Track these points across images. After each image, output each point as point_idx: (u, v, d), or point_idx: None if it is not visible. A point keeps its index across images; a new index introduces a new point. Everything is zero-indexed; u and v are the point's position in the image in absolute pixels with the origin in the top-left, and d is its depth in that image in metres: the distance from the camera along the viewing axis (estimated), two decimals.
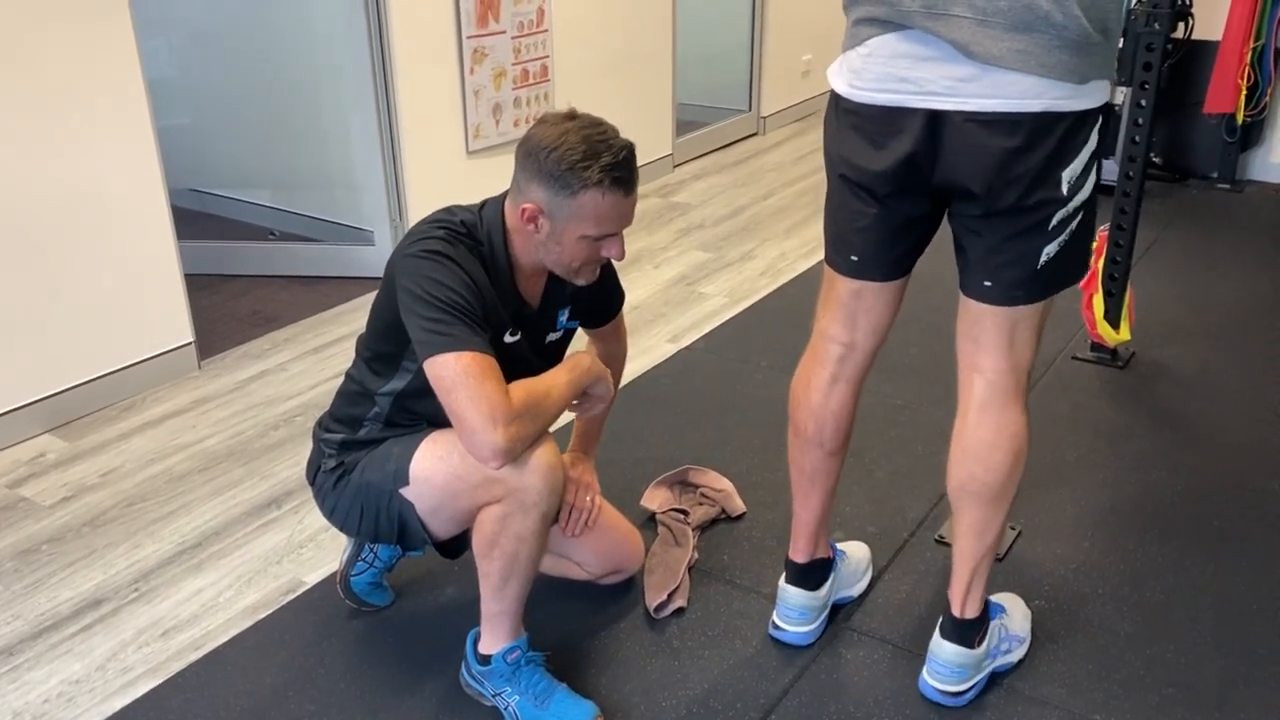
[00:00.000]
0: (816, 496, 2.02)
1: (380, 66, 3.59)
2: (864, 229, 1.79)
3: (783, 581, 2.08)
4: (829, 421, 1.94)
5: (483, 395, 1.63)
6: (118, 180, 2.93)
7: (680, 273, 3.92)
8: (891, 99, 1.62)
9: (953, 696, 1.92)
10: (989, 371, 1.78)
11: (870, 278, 1.84)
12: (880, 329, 1.90)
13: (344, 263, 3.89)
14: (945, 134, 1.61)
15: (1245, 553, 2.34)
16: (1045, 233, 1.66)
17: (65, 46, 2.74)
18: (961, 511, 1.87)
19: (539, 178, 1.71)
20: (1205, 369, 3.16)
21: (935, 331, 3.27)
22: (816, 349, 1.94)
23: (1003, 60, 1.53)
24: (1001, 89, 1.55)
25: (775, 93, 5.76)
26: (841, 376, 1.92)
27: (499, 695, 1.87)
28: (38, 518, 2.52)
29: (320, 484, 1.94)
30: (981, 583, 1.90)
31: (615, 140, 1.72)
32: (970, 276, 1.75)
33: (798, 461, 2.01)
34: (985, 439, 1.80)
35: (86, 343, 2.94)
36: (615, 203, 1.73)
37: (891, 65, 1.61)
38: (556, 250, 1.78)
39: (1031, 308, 1.73)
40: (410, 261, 1.73)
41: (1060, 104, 1.56)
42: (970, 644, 1.91)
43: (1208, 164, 4.79)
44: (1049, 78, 1.53)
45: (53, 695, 2.00)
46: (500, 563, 1.77)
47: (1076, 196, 1.64)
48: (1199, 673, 2.01)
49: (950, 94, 1.57)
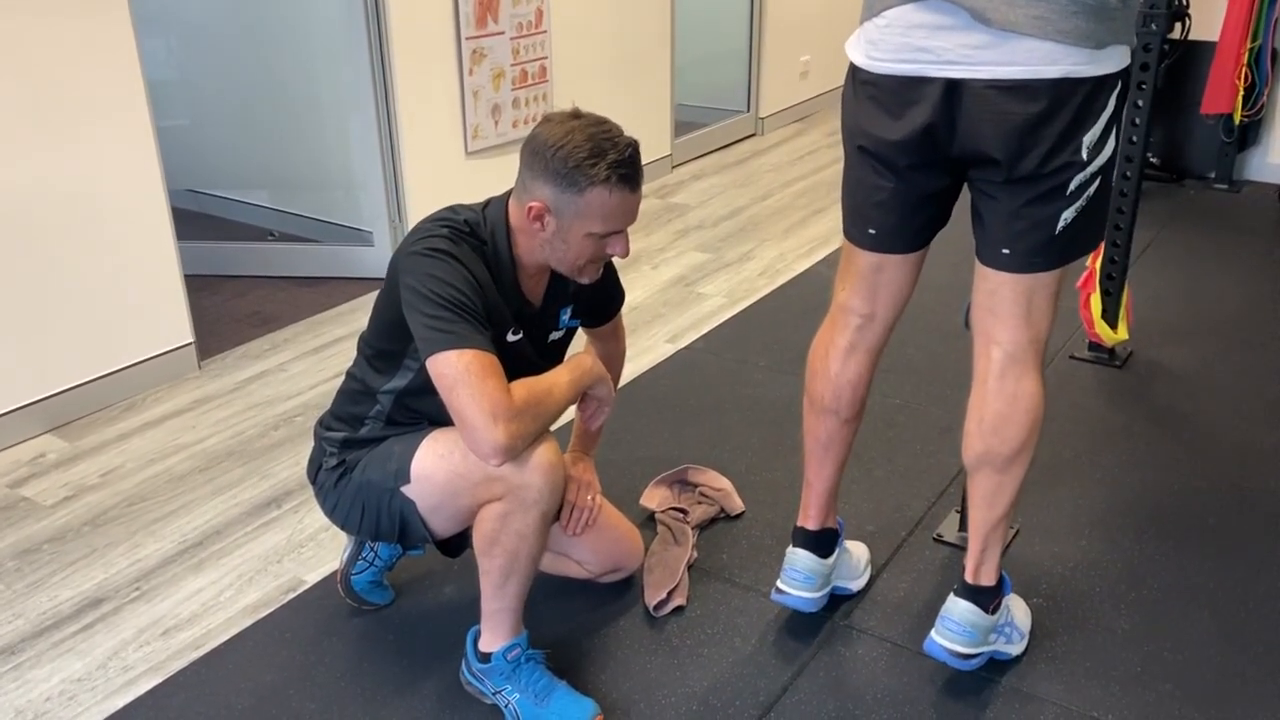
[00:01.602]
0: (830, 464, 2.03)
1: (379, 67, 3.60)
2: (881, 203, 1.79)
3: (791, 547, 2.07)
4: (845, 390, 1.96)
5: (484, 393, 1.63)
6: (117, 181, 2.93)
7: (679, 273, 3.93)
8: (909, 69, 1.64)
9: (959, 659, 1.91)
10: (1006, 343, 1.79)
11: (889, 250, 1.85)
12: (900, 300, 1.92)
13: (343, 263, 3.90)
14: (964, 102, 1.61)
15: (1242, 551, 2.34)
16: (1064, 197, 1.67)
17: (64, 47, 2.74)
18: (975, 480, 1.88)
19: (545, 175, 1.72)
20: (1203, 369, 3.17)
21: (934, 331, 3.28)
22: (835, 320, 1.95)
23: (1019, 26, 1.54)
24: (1019, 56, 1.56)
25: (774, 94, 5.77)
26: (860, 346, 1.94)
27: (499, 693, 1.88)
28: (38, 517, 2.53)
29: (321, 482, 1.95)
30: (995, 552, 1.91)
31: (620, 138, 1.73)
32: (988, 245, 1.76)
33: (813, 430, 2.02)
34: (1001, 410, 1.81)
35: (86, 343, 2.95)
36: (621, 199, 1.73)
37: (909, 35, 1.62)
38: (562, 248, 1.78)
39: (1049, 275, 1.75)
40: (414, 259, 1.74)
41: (1078, 70, 1.57)
42: (985, 607, 1.92)
43: (1205, 164, 4.80)
44: (1065, 43, 1.54)
45: (54, 694, 2.01)
46: (501, 560, 1.78)
47: (1096, 160, 1.65)
48: (1196, 670, 2.01)
49: (967, 62, 1.58)
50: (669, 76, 4.99)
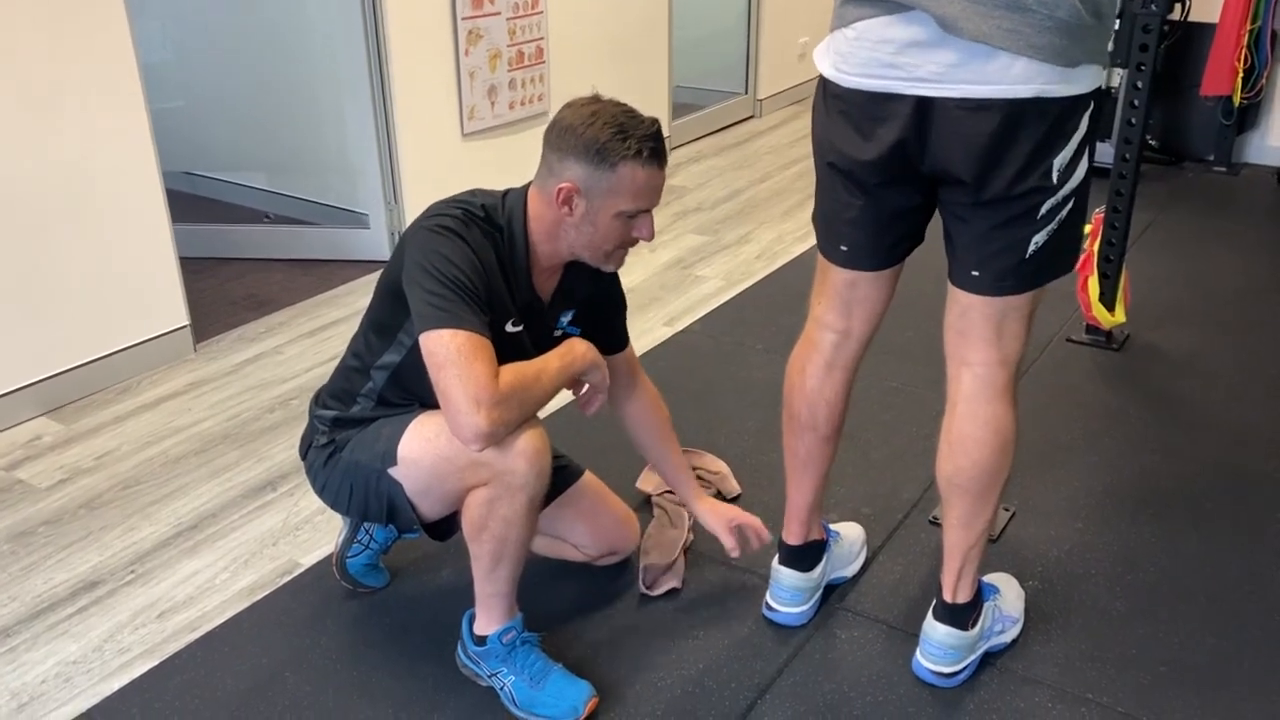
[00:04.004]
0: (810, 480, 2.02)
1: (375, 48, 3.58)
2: (852, 220, 1.77)
3: (776, 563, 2.08)
4: (823, 407, 1.94)
5: (471, 375, 1.63)
6: (112, 163, 2.92)
7: (676, 256, 3.92)
8: (879, 85, 1.60)
9: (945, 677, 1.93)
10: (977, 365, 1.78)
11: (861, 268, 1.83)
12: (875, 316, 1.90)
13: (339, 246, 3.89)
14: (934, 120, 1.59)
15: (1237, 534, 2.35)
16: (1034, 221, 1.64)
17: (57, 29, 2.72)
18: (950, 503, 1.87)
19: (575, 154, 1.72)
20: (1200, 351, 3.17)
21: (930, 315, 3.26)
22: (811, 336, 1.94)
23: (991, 38, 1.50)
24: (991, 75, 1.53)
25: (772, 75, 5.74)
26: (837, 364, 1.92)
27: (495, 675, 1.88)
28: (34, 500, 2.53)
29: (311, 460, 1.95)
30: (972, 570, 1.91)
31: (645, 117, 1.76)
32: (958, 266, 1.74)
33: (792, 446, 2.01)
34: (972, 434, 1.79)
35: (81, 326, 2.94)
36: (651, 175, 1.75)
37: (878, 50, 1.59)
38: (590, 231, 1.78)
39: (1020, 298, 1.72)
40: (423, 234, 1.74)
41: (1050, 89, 1.53)
42: (963, 626, 1.92)
43: (1204, 147, 4.78)
44: (1038, 59, 1.51)
45: (50, 676, 2.01)
46: (490, 546, 1.78)
47: (1066, 185, 1.63)
48: (1191, 652, 2.02)
49: (939, 80, 1.55)
50: (666, 58, 4.96)
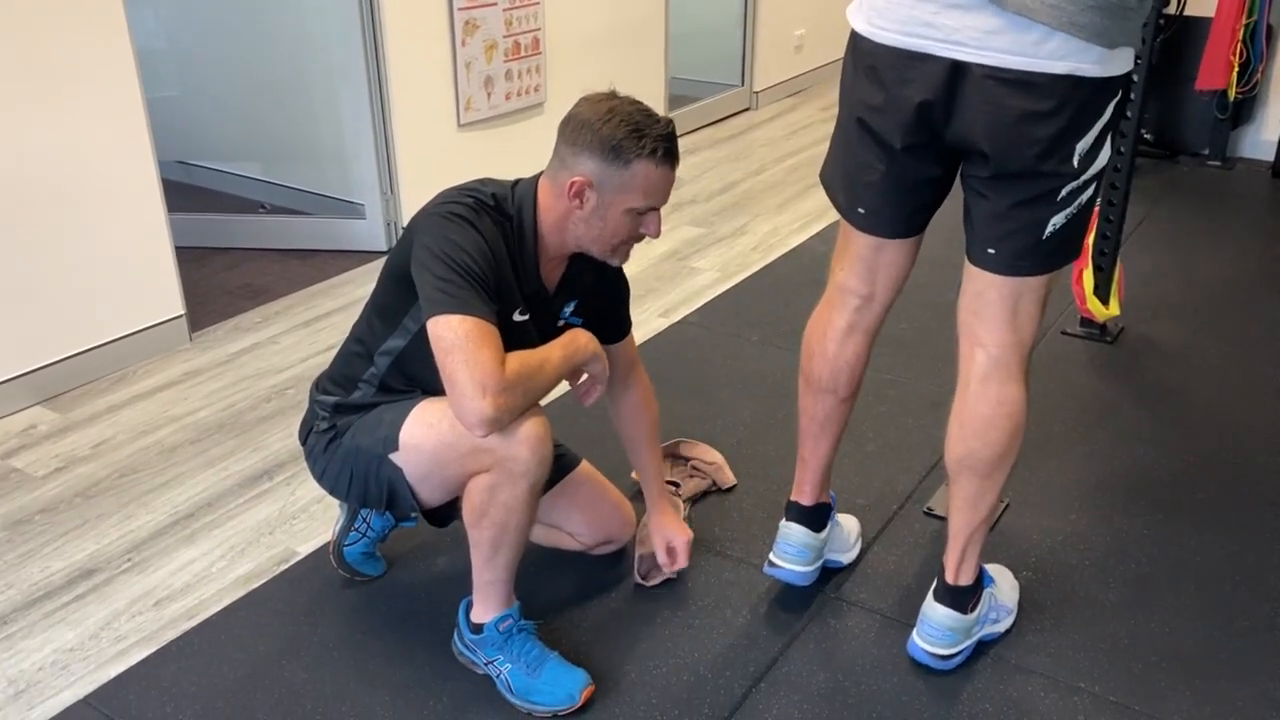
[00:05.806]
0: (826, 442, 2.03)
1: (371, 39, 3.57)
2: (873, 184, 1.77)
3: (785, 521, 2.08)
4: (843, 370, 1.95)
5: (478, 362, 1.63)
6: (107, 153, 2.91)
7: (672, 248, 3.92)
8: (914, 44, 1.60)
9: (940, 660, 1.93)
10: (991, 345, 1.78)
11: (879, 233, 1.83)
12: (899, 281, 1.91)
13: (335, 236, 3.88)
14: (963, 87, 1.58)
15: (1228, 525, 2.36)
16: (1054, 203, 1.65)
17: (52, 17, 2.71)
18: (957, 484, 1.87)
19: (590, 149, 1.73)
20: (1193, 345, 3.18)
21: (927, 307, 3.29)
22: (832, 299, 1.94)
23: (1035, 12, 1.50)
24: (1028, 47, 1.52)
25: (768, 67, 5.74)
26: (858, 327, 1.93)
27: (491, 663, 1.89)
28: (30, 488, 2.53)
29: (311, 445, 1.95)
30: (975, 552, 1.92)
31: (660, 116, 1.77)
32: (976, 243, 1.75)
33: (809, 409, 2.01)
34: (984, 414, 1.80)
35: (77, 315, 2.94)
36: (663, 174, 1.77)
37: (917, 8, 1.58)
38: (599, 225, 1.79)
39: (1036, 280, 1.73)
40: (434, 220, 1.74)
41: (1084, 69, 1.54)
42: (963, 609, 1.92)
43: (1199, 141, 4.79)
44: (1078, 37, 1.50)
45: (47, 663, 2.01)
46: (490, 532, 1.78)
47: (1088, 170, 1.63)
48: (1182, 642, 2.03)
49: (974, 45, 1.54)
50: (662, 50, 4.96)
